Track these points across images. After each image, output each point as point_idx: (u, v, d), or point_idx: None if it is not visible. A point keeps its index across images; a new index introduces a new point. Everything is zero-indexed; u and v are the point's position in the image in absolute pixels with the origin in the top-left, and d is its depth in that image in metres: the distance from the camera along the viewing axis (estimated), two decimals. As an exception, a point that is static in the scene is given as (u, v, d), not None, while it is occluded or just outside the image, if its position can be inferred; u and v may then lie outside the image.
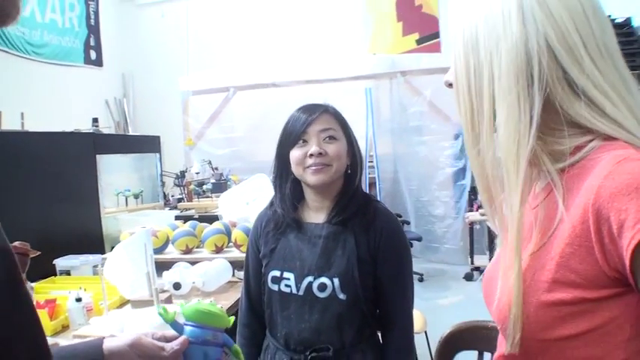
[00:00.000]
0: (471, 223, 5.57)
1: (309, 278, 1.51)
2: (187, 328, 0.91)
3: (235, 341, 1.20)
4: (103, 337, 0.85)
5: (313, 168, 1.50)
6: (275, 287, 1.56)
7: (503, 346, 0.84)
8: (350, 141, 1.58)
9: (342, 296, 1.48)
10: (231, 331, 1.02)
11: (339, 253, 1.51)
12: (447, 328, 1.66)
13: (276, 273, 1.56)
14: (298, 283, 1.52)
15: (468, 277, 5.49)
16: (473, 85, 0.80)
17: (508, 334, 0.77)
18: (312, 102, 1.60)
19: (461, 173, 5.76)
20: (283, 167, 1.59)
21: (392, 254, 1.54)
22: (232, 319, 0.96)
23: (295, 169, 1.54)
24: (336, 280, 1.48)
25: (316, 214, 1.60)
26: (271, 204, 1.67)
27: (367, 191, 1.67)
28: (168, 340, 0.90)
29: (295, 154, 1.52)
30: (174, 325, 0.93)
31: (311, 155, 1.49)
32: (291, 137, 1.54)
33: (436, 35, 5.83)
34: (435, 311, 3.85)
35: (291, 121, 1.56)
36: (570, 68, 0.74)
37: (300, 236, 1.57)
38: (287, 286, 1.53)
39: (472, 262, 5.72)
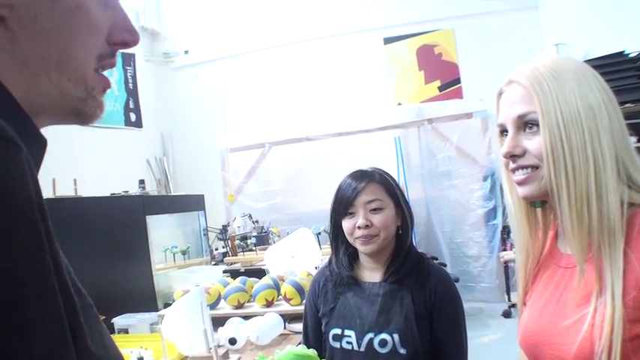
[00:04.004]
0: (506, 262, 5.52)
1: (370, 335, 1.54)
2: None
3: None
4: None
5: (362, 239, 1.57)
6: (337, 345, 1.59)
7: None
8: (398, 203, 1.63)
9: (402, 351, 1.52)
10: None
11: (397, 310, 1.55)
12: (491, 366, 1.72)
13: (337, 331, 1.60)
14: (359, 339, 1.55)
15: (506, 315, 5.43)
16: (577, 154, 0.92)
17: None
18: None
19: (492, 213, 5.76)
20: (338, 232, 1.65)
21: (447, 309, 1.59)
22: None
23: (348, 237, 1.61)
24: (396, 336, 1.52)
25: (372, 273, 1.65)
26: (329, 264, 1.73)
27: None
28: None
29: (345, 224, 1.60)
30: None
31: (359, 227, 1.56)
32: (340, 207, 1.61)
33: (457, 81, 6.04)
34: (478, 349, 3.78)
35: (341, 190, 1.63)
36: (624, 153, 0.94)
37: (359, 294, 1.61)
38: (348, 343, 1.57)
39: (509, 299, 5.63)
